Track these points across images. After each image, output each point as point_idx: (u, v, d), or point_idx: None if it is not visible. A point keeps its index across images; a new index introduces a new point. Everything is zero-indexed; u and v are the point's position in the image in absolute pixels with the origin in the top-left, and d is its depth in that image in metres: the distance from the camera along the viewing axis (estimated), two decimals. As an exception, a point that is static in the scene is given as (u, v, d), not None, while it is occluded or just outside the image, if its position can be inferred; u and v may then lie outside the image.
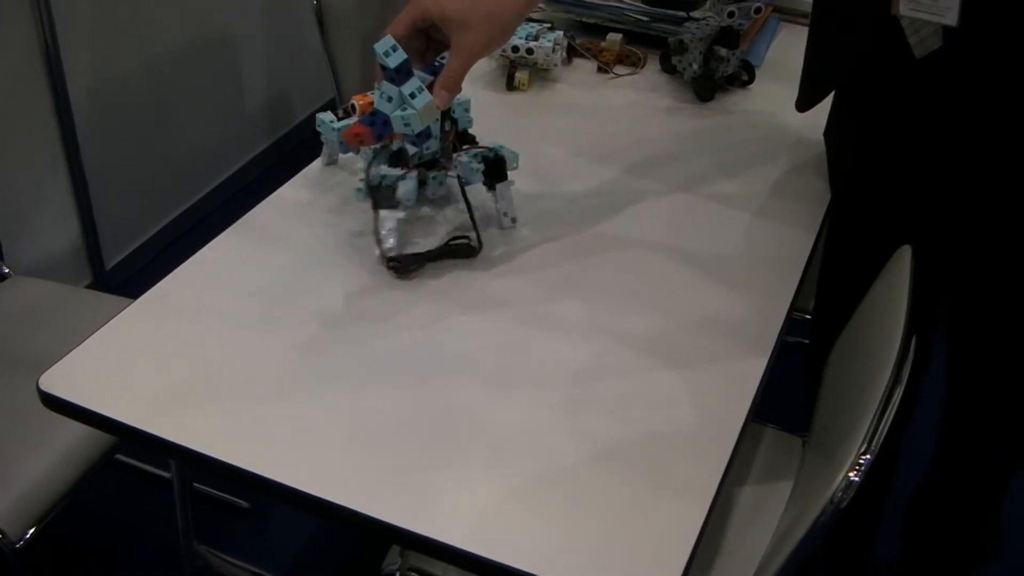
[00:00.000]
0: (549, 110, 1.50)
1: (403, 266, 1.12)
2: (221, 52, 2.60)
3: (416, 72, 1.05)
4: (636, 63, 1.64)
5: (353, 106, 1.26)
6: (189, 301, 1.09)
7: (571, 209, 1.26)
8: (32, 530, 1.27)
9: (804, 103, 1.29)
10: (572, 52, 1.65)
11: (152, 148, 2.44)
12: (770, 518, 1.21)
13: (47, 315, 1.56)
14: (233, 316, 1.07)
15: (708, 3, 1.59)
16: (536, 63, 1.56)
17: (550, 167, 1.34)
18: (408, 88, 1.03)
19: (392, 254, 1.12)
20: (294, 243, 1.19)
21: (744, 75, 1.56)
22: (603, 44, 1.65)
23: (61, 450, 1.33)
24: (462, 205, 1.20)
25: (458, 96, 1.11)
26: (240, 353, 1.02)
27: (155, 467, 1.89)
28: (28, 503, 1.28)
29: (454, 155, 1.19)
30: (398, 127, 1.04)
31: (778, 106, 1.44)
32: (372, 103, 1.08)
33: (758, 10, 1.54)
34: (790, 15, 1.79)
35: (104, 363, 1.00)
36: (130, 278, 2.44)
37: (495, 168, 1.18)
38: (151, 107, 2.40)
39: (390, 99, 1.04)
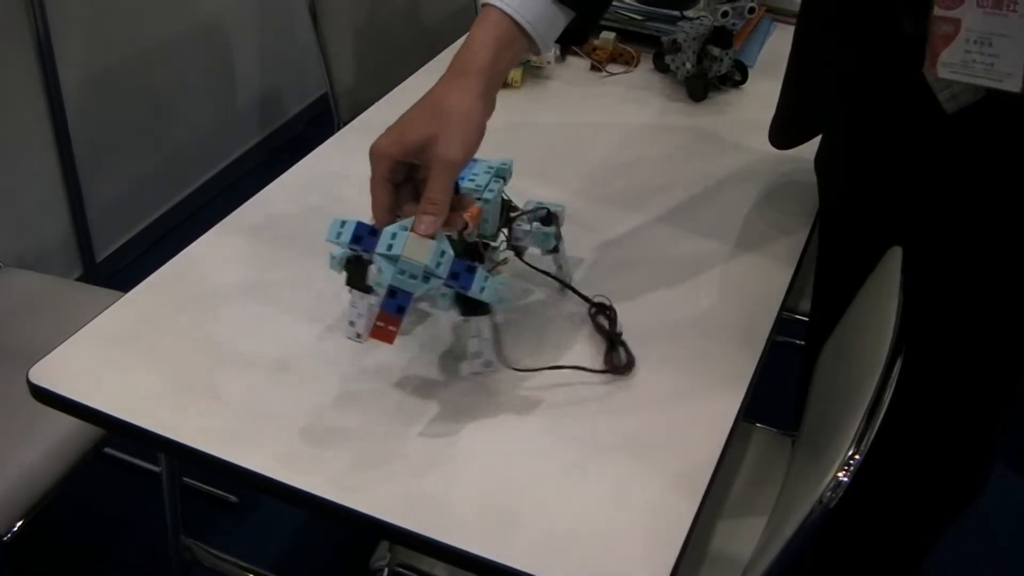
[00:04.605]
0: (541, 108, 1.50)
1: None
2: (214, 44, 2.59)
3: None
4: (629, 62, 1.64)
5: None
6: (179, 295, 1.09)
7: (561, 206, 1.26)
8: (20, 523, 1.27)
9: (785, 142, 1.25)
10: (565, 50, 1.65)
11: (144, 140, 2.43)
12: (759, 517, 1.21)
13: (37, 307, 1.55)
14: (223, 311, 1.07)
15: (702, 3, 1.59)
16: (529, 60, 1.56)
17: (541, 165, 1.34)
18: (382, 244, 0.86)
19: (350, 336, 0.92)
20: (286, 238, 1.18)
21: (737, 75, 1.56)
22: (596, 42, 1.65)
23: (50, 443, 1.33)
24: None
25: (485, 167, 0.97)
26: (229, 347, 1.02)
27: (144, 460, 1.88)
28: (16, 496, 1.27)
29: (502, 231, 1.02)
30: (399, 281, 0.86)
31: (770, 106, 1.43)
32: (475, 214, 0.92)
33: (752, 10, 1.54)
34: (783, 15, 1.79)
35: (94, 356, 1.00)
36: (120, 271, 2.43)
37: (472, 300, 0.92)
38: (143, 99, 2.39)
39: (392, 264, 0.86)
